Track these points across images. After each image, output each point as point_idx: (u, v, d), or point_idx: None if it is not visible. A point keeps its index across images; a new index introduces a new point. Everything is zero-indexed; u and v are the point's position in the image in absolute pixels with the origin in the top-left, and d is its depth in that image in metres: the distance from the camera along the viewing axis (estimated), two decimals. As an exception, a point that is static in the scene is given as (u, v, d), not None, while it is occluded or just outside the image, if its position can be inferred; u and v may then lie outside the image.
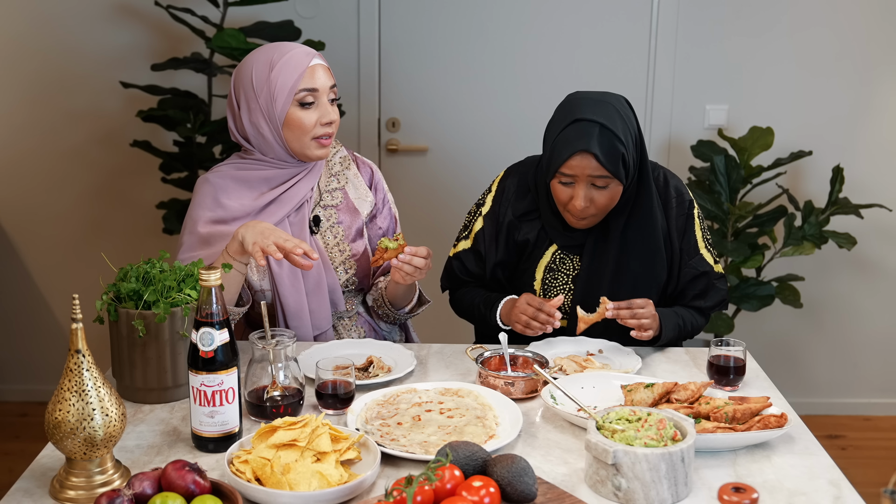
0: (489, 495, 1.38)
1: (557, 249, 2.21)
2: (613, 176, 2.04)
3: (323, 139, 2.12)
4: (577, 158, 2.03)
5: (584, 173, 2.04)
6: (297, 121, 2.09)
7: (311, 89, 2.09)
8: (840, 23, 3.55)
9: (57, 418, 1.47)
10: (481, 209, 2.29)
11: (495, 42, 3.59)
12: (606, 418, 1.59)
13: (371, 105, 3.65)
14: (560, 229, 2.19)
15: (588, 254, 2.17)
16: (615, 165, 2.03)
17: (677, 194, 2.21)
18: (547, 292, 2.21)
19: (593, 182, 2.05)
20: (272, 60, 2.09)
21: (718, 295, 2.22)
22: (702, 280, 2.20)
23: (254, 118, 2.11)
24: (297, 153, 2.14)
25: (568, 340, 2.14)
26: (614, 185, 2.06)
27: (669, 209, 2.19)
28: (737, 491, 1.38)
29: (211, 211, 2.14)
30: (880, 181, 3.64)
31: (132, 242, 3.69)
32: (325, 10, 3.56)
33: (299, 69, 2.07)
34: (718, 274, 2.23)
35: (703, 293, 2.21)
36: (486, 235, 2.26)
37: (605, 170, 2.02)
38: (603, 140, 2.02)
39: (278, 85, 2.07)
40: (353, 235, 2.24)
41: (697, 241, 2.21)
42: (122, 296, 1.83)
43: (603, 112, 2.05)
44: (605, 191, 2.07)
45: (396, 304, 2.24)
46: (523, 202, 2.23)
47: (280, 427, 1.56)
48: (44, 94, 3.61)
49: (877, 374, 3.86)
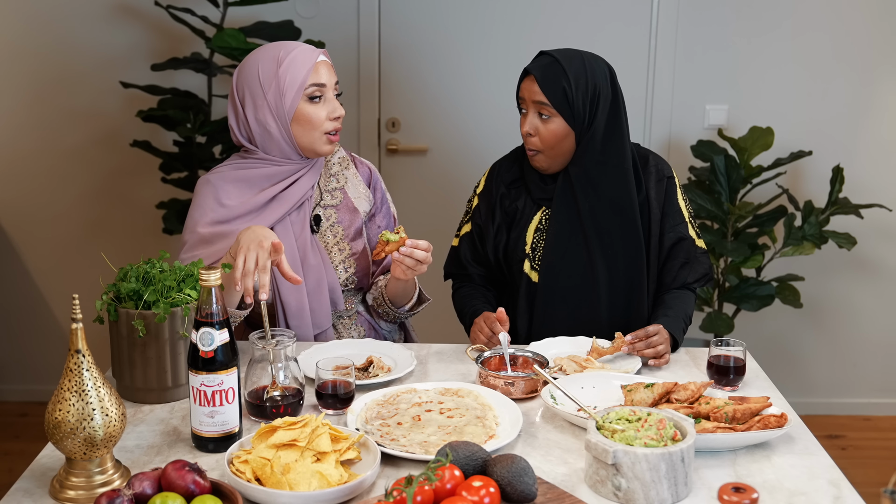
0: (489, 495, 1.38)
1: (545, 213, 2.27)
2: (553, 106, 2.15)
3: (332, 134, 2.15)
4: (526, 81, 2.20)
5: (529, 98, 2.19)
6: (306, 116, 2.11)
7: (319, 84, 2.11)
8: (840, 23, 3.55)
9: (57, 418, 1.47)
10: (476, 189, 2.40)
11: (495, 42, 3.59)
12: (606, 418, 1.59)
13: (371, 105, 3.65)
14: (538, 182, 2.29)
15: (557, 204, 2.24)
16: (554, 96, 2.15)
17: (656, 167, 2.29)
18: (535, 250, 2.28)
19: (539, 111, 2.18)
20: (279, 57, 2.10)
21: (702, 268, 2.27)
22: (685, 247, 2.26)
23: (260, 115, 2.12)
24: (305, 148, 2.15)
25: (568, 340, 2.14)
26: (557, 120, 2.17)
27: (648, 178, 2.26)
28: (737, 491, 1.38)
29: (212, 212, 2.14)
30: (880, 181, 3.64)
31: (132, 242, 3.69)
32: (325, 10, 3.56)
33: (308, 64, 2.10)
34: (701, 248, 2.28)
35: (685, 264, 2.26)
36: (482, 211, 2.35)
37: (544, 95, 2.15)
38: (549, 70, 2.17)
39: (287, 80, 2.08)
40: (352, 234, 2.24)
41: (681, 210, 2.27)
42: (122, 296, 1.83)
43: (565, 54, 2.20)
44: (549, 123, 2.17)
45: (396, 302, 2.24)
46: (510, 172, 2.35)
47: (280, 427, 1.56)
48: (44, 94, 3.61)
49: (877, 374, 3.86)
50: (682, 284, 2.27)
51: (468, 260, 2.38)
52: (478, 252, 2.37)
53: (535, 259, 2.27)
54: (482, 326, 2.16)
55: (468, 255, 2.38)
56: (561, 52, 2.20)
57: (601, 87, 2.19)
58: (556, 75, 2.16)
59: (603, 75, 2.21)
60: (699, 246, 2.28)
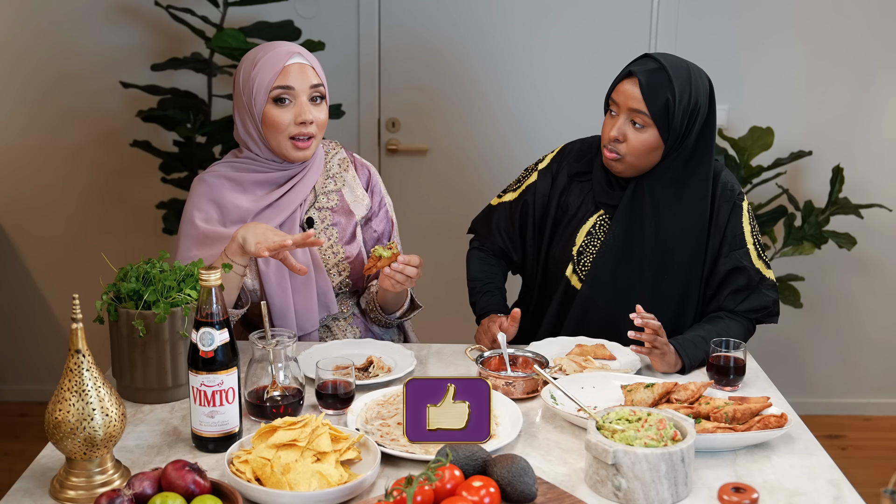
0: (489, 495, 1.38)
1: (601, 215, 2.19)
2: (651, 117, 2.04)
3: (299, 140, 2.11)
4: (625, 83, 2.07)
5: (626, 103, 2.06)
6: (271, 118, 2.09)
7: (285, 87, 2.08)
8: (840, 23, 3.54)
9: (57, 418, 1.47)
10: (538, 165, 2.30)
11: (495, 42, 3.59)
12: (606, 418, 1.59)
13: (371, 105, 3.65)
14: (604, 184, 2.19)
15: (621, 214, 2.14)
16: (655, 104, 2.03)
17: (725, 185, 2.15)
18: (581, 254, 2.19)
19: (633, 118, 2.06)
20: (256, 58, 2.11)
21: (762, 300, 2.11)
22: (741, 276, 2.11)
23: (241, 116, 2.14)
24: (277, 153, 2.14)
25: (568, 340, 2.13)
26: (651, 131, 2.06)
27: (717, 198, 2.14)
28: (737, 491, 1.38)
29: (207, 211, 2.14)
30: (880, 181, 3.64)
31: (132, 242, 3.69)
32: (325, 10, 3.56)
33: (276, 67, 2.08)
34: (767, 280, 2.12)
35: (741, 291, 2.11)
36: (537, 190, 2.26)
37: (644, 104, 2.03)
38: (655, 78, 2.05)
39: (257, 82, 2.08)
40: (347, 238, 2.23)
41: (745, 235, 2.13)
42: (122, 296, 1.82)
43: (673, 62, 2.08)
44: (641, 133, 2.06)
45: (387, 309, 2.23)
46: (580, 163, 2.25)
47: (280, 427, 1.56)
48: (44, 94, 3.61)
49: (877, 374, 3.86)
50: (733, 310, 2.12)
51: (499, 228, 2.31)
52: (513, 225, 2.29)
53: (580, 264, 2.19)
54: (487, 329, 2.15)
55: (502, 223, 2.31)
56: (668, 60, 2.08)
57: (702, 104, 2.08)
58: (661, 84, 2.04)
59: (705, 92, 2.10)
60: (766, 277, 2.12)
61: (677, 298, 2.14)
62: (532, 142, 3.60)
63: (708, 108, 2.11)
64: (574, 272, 2.21)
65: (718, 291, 2.14)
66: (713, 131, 2.12)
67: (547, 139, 3.44)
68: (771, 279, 2.14)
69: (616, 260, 2.15)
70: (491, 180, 3.62)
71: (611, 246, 2.15)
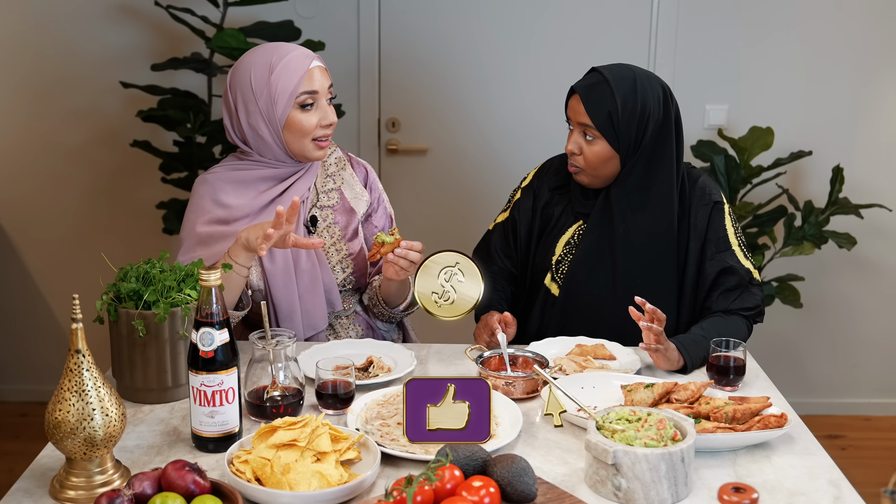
0: (489, 495, 1.38)
1: (580, 225, 2.23)
2: (597, 129, 2.11)
3: (321, 141, 2.14)
4: (572, 100, 2.17)
5: (575, 118, 2.16)
6: (297, 123, 2.09)
7: (311, 92, 2.09)
8: (840, 23, 3.54)
9: (57, 418, 1.47)
10: (522, 183, 2.37)
11: (495, 42, 3.59)
12: (606, 418, 1.59)
13: (371, 105, 3.65)
14: (579, 195, 2.25)
15: (593, 223, 2.20)
16: (599, 116, 2.10)
17: (703, 190, 2.18)
18: (559, 263, 2.24)
19: (584, 131, 2.14)
20: (271, 63, 2.08)
21: (752, 300, 2.14)
22: (732, 276, 2.14)
23: (252, 121, 2.11)
24: (297, 154, 2.14)
25: (568, 340, 2.13)
26: (601, 143, 2.12)
27: (693, 203, 2.17)
28: (737, 491, 1.38)
29: (210, 212, 2.14)
30: (880, 181, 3.64)
31: (132, 242, 3.69)
32: (325, 10, 3.56)
33: (299, 72, 2.07)
34: (754, 279, 2.16)
35: (733, 290, 2.14)
36: (521, 206, 2.33)
37: (588, 117, 2.11)
38: (595, 91, 2.12)
39: (279, 88, 2.07)
40: (349, 235, 2.24)
41: (728, 236, 2.16)
42: (122, 296, 1.83)
43: (616, 74, 2.14)
44: (592, 145, 2.13)
45: (390, 302, 2.24)
46: (559, 177, 2.31)
47: (280, 427, 1.56)
48: (44, 94, 3.61)
49: (877, 374, 3.86)
50: (727, 310, 2.14)
51: (497, 250, 2.36)
52: (508, 243, 2.35)
53: (557, 272, 2.24)
54: (486, 323, 2.16)
55: (499, 244, 2.36)
56: (612, 72, 2.13)
57: (651, 110, 2.12)
58: (602, 97, 2.10)
59: (655, 98, 2.13)
60: (753, 276, 2.15)
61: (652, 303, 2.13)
62: (532, 141, 3.61)
63: (663, 113, 2.14)
64: (553, 280, 2.26)
65: (710, 293, 2.17)
66: (671, 134, 2.16)
67: (547, 139, 3.44)
68: (758, 279, 2.18)
69: (589, 266, 2.20)
70: (491, 180, 3.63)
71: (583, 252, 2.20)
